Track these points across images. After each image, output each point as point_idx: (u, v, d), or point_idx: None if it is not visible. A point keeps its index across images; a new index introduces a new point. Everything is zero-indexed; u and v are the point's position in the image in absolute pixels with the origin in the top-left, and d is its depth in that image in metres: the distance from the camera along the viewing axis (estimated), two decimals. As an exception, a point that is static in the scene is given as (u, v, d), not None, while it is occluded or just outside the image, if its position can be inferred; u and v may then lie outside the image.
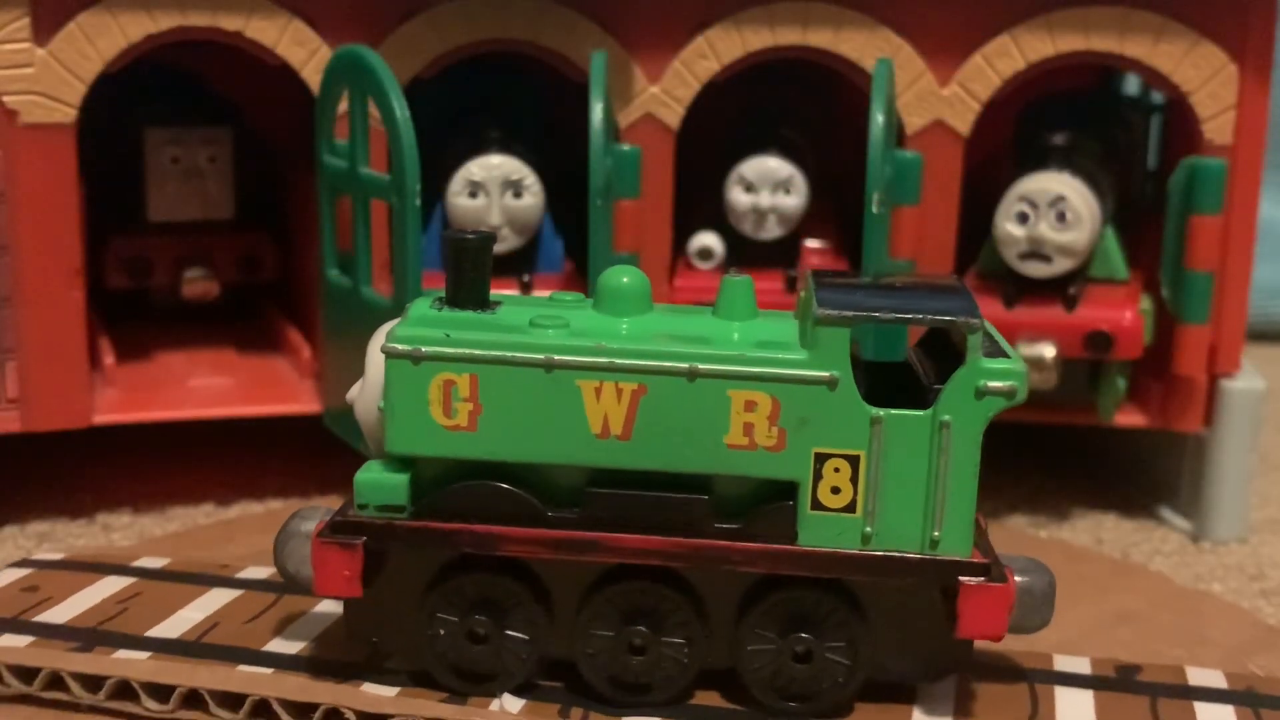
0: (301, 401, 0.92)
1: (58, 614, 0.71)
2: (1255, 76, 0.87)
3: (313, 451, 0.93)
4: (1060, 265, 0.87)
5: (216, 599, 0.73)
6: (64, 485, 0.93)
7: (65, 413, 0.86)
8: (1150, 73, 0.89)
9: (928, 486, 0.63)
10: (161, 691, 0.65)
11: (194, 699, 0.65)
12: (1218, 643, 0.76)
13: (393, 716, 0.63)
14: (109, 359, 0.91)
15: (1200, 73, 0.87)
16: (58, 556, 0.78)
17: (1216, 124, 0.88)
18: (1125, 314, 0.87)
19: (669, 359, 0.62)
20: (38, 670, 0.65)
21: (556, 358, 0.63)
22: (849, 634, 0.65)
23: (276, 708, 0.64)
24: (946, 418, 0.62)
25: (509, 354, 0.63)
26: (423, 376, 0.63)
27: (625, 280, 0.65)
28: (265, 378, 0.95)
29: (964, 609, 0.63)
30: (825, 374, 0.62)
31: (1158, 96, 1.01)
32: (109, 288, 0.98)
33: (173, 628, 0.70)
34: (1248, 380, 0.90)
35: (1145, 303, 0.90)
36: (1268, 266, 1.28)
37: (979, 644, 0.66)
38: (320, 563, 0.64)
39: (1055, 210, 0.86)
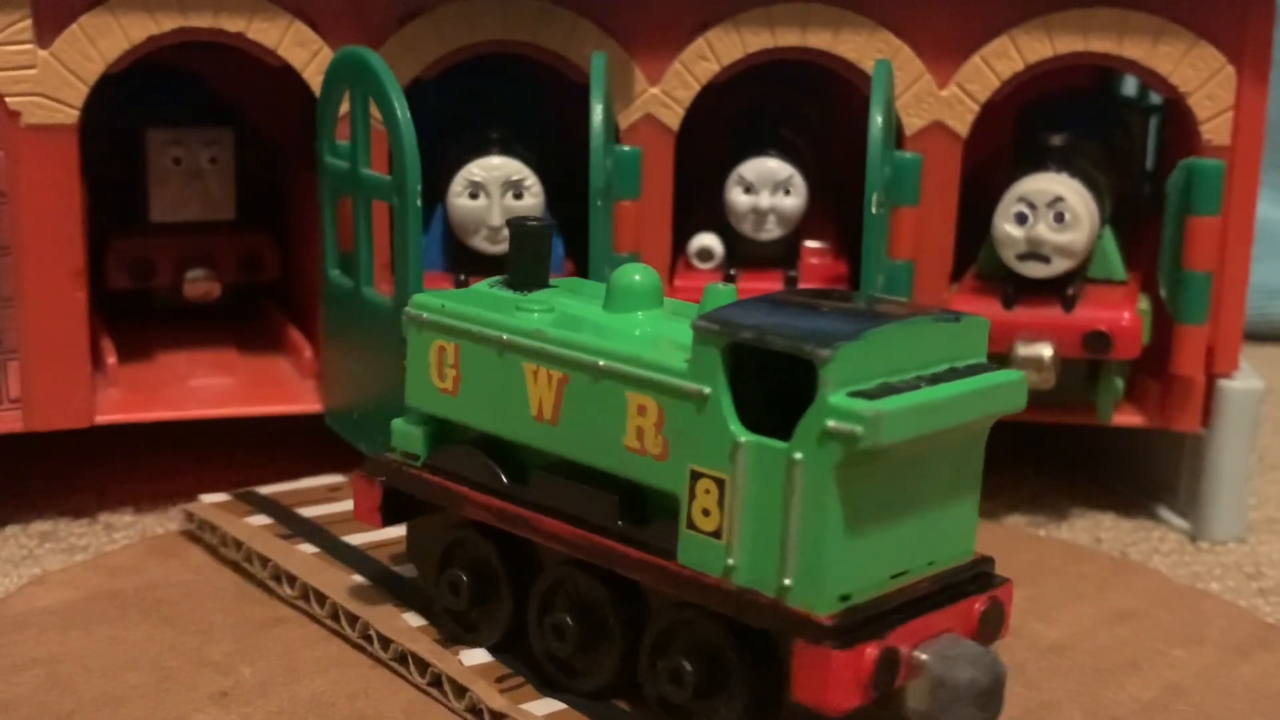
0: (303, 401, 0.92)
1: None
2: (1253, 78, 0.87)
3: (314, 451, 0.93)
4: (1059, 266, 0.87)
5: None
6: (66, 485, 0.93)
7: (67, 412, 0.86)
8: (1148, 74, 0.89)
9: (781, 527, 0.58)
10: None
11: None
12: (1215, 641, 0.76)
13: (392, 641, 0.70)
14: (111, 359, 0.91)
15: (1198, 74, 0.87)
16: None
17: (1214, 125, 0.88)
18: (1123, 314, 0.87)
19: (582, 352, 0.63)
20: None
21: (505, 337, 0.66)
22: (698, 665, 0.61)
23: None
24: (798, 455, 0.57)
25: (476, 329, 0.67)
26: (425, 341, 0.69)
27: (637, 278, 0.66)
28: (267, 378, 0.95)
29: (795, 671, 0.57)
30: (695, 387, 0.59)
31: (1156, 98, 1.01)
32: (111, 288, 0.99)
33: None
34: (1246, 380, 0.90)
35: (1143, 303, 0.90)
36: (1265, 267, 1.29)
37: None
38: (356, 493, 0.72)
39: (1054, 211, 0.86)
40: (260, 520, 0.82)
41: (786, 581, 0.57)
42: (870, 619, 0.58)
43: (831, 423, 0.55)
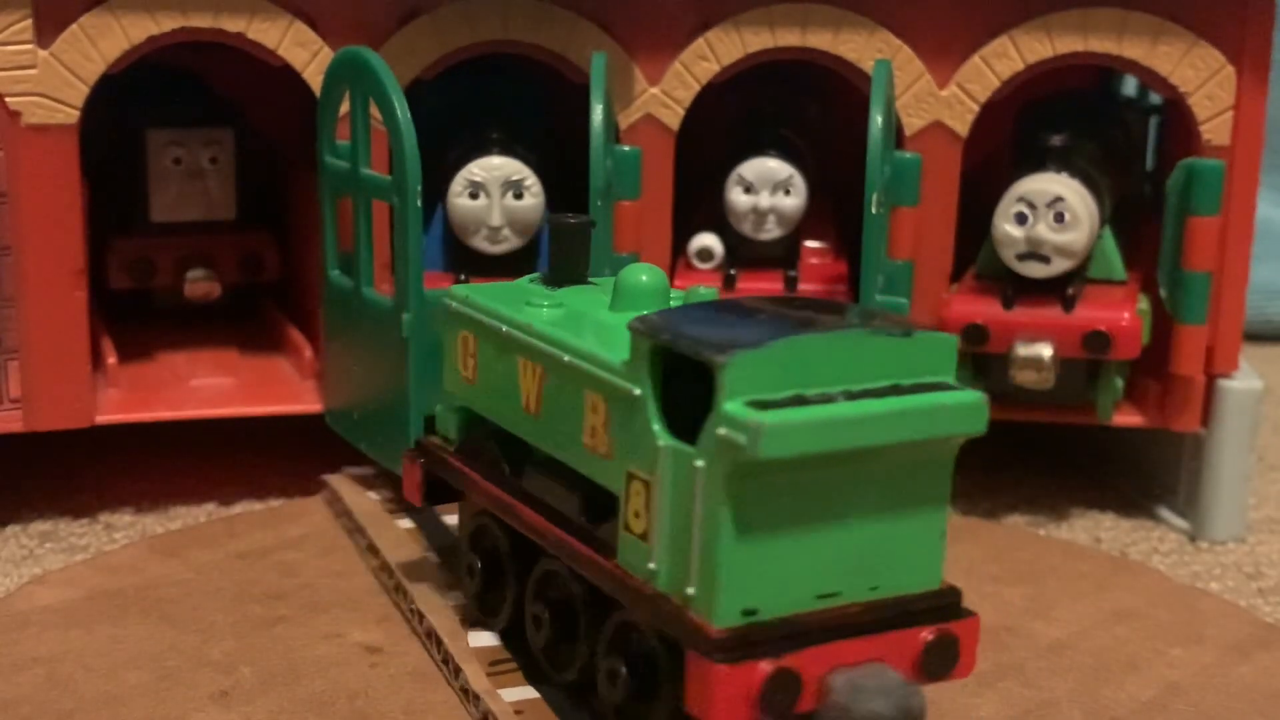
0: (303, 401, 0.92)
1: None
2: (1253, 78, 0.88)
3: (315, 451, 0.93)
4: (1058, 266, 0.87)
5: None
6: (66, 485, 0.93)
7: (68, 412, 0.86)
8: (1148, 74, 0.89)
9: (690, 534, 0.56)
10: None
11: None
12: (1215, 640, 0.76)
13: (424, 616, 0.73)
14: (111, 359, 0.91)
15: (1198, 74, 0.87)
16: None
17: (1214, 125, 0.88)
18: (1123, 314, 0.87)
19: (554, 348, 0.64)
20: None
21: (504, 330, 0.67)
22: (634, 669, 0.61)
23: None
24: (699, 462, 0.55)
25: (487, 321, 0.68)
26: (455, 330, 0.71)
27: (643, 278, 0.66)
28: (267, 377, 0.95)
29: (687, 683, 0.56)
30: (628, 388, 0.59)
31: (1156, 98, 1.01)
32: (111, 288, 0.99)
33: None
34: (1245, 380, 0.90)
35: (1143, 303, 0.90)
36: (1265, 267, 1.29)
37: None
38: (404, 471, 0.74)
39: (1053, 211, 0.86)
40: (380, 495, 0.86)
41: (690, 590, 0.56)
42: (772, 637, 0.56)
43: (721, 430, 0.54)
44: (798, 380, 0.55)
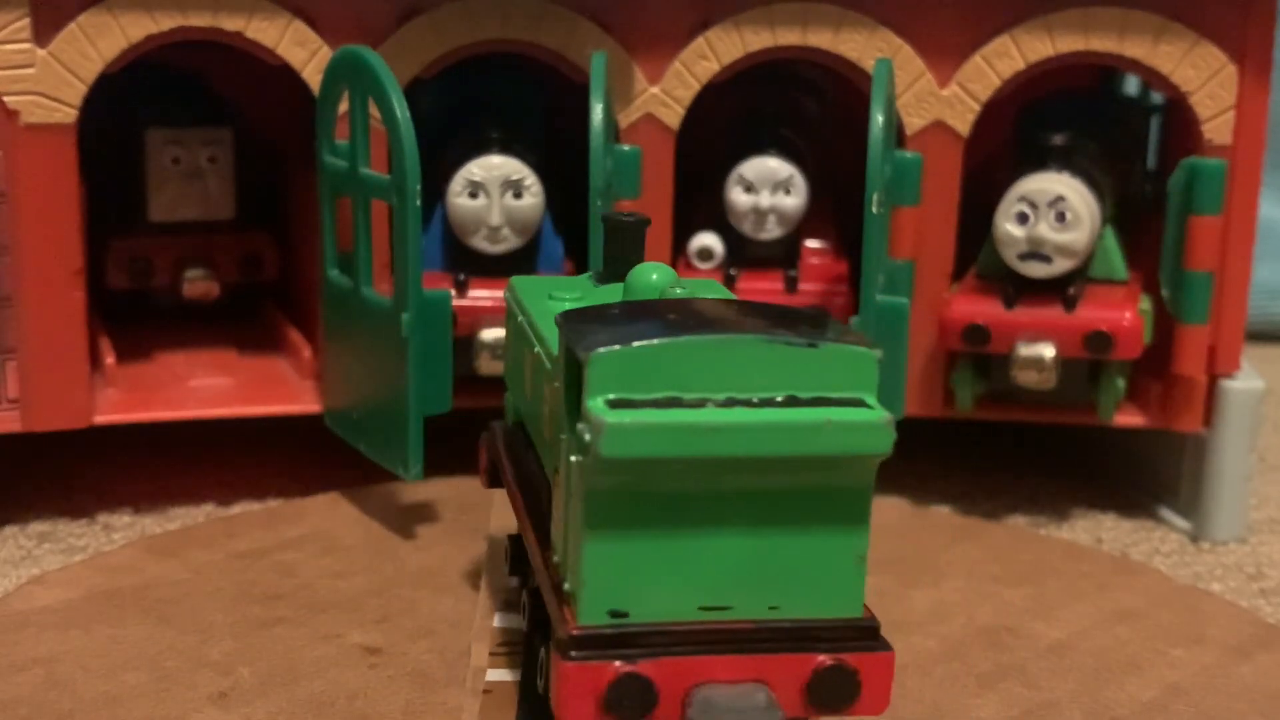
0: (302, 401, 0.92)
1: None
2: (1255, 77, 0.87)
3: (313, 452, 0.93)
4: (1060, 265, 0.87)
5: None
6: (64, 485, 0.93)
7: (66, 413, 0.86)
8: (1150, 73, 0.89)
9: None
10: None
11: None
12: (1216, 641, 0.76)
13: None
14: (109, 359, 0.91)
15: (1200, 73, 0.87)
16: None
17: (1216, 124, 0.88)
18: (1125, 314, 0.87)
19: (535, 338, 0.64)
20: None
21: (519, 320, 0.69)
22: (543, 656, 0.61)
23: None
24: (574, 458, 0.54)
25: (515, 311, 0.70)
26: (511, 319, 0.72)
27: (654, 277, 0.66)
28: (266, 378, 0.95)
29: (550, 677, 0.57)
30: (556, 380, 0.58)
31: (1157, 97, 1.01)
32: (110, 288, 0.98)
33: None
34: (1247, 380, 0.90)
35: (1145, 303, 0.90)
36: (1267, 266, 1.29)
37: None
38: (479, 454, 0.76)
39: (1055, 210, 0.86)
40: None
41: (566, 586, 0.56)
42: (633, 641, 0.55)
43: (579, 426, 0.54)
44: (678, 384, 0.54)
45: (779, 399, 0.55)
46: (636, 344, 0.54)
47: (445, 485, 0.91)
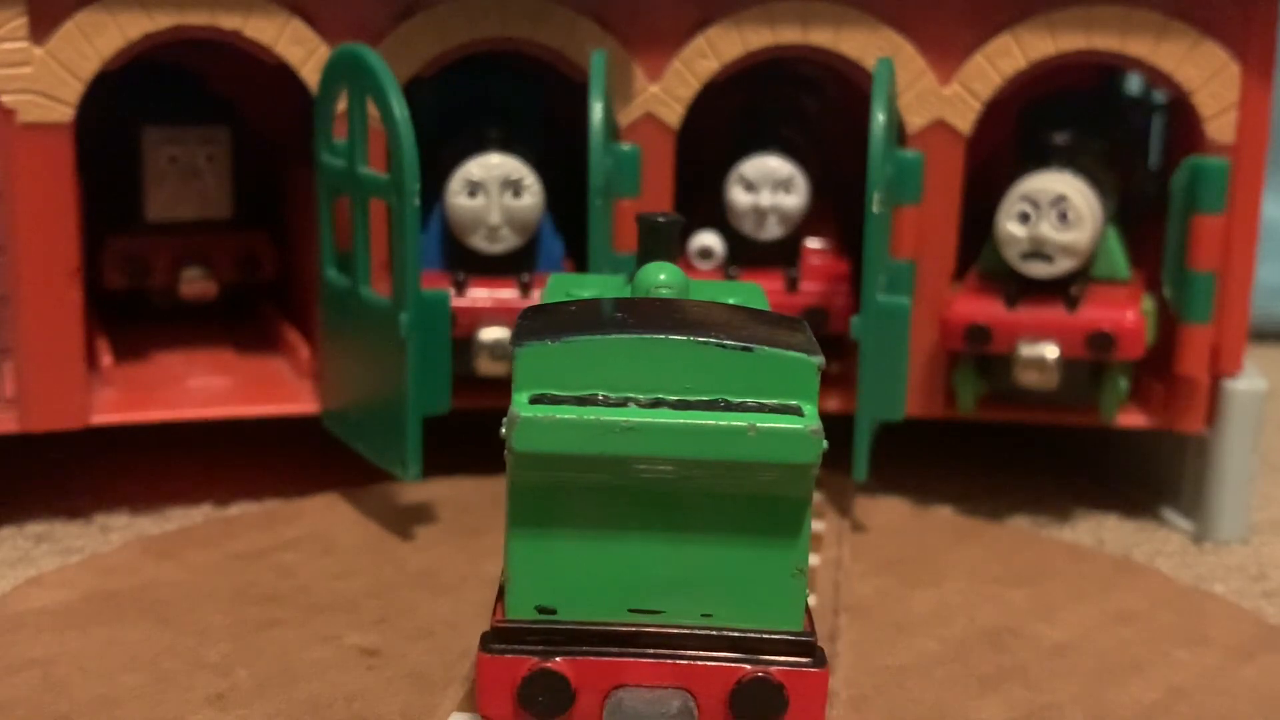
0: (300, 401, 0.91)
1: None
2: (1257, 75, 0.87)
3: (312, 452, 0.93)
4: (1062, 265, 0.86)
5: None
6: (61, 486, 0.92)
7: (62, 413, 0.86)
8: (1152, 72, 0.88)
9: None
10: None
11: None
12: (1219, 642, 0.75)
13: None
14: (106, 359, 0.91)
15: (1202, 72, 0.87)
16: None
17: (1219, 123, 0.87)
18: (1127, 314, 0.87)
19: None
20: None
21: None
22: None
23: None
24: (507, 451, 0.55)
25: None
26: None
27: (661, 276, 0.65)
28: (263, 378, 0.95)
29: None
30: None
31: (1160, 95, 1.01)
32: (107, 288, 0.98)
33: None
34: (1250, 381, 0.90)
35: (1147, 303, 0.89)
36: (1270, 266, 1.28)
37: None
38: None
39: (1057, 210, 0.86)
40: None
41: (500, 580, 0.57)
42: (554, 638, 0.56)
43: (503, 420, 0.54)
44: (607, 382, 0.54)
45: (704, 400, 0.55)
46: (562, 339, 0.54)
47: (444, 486, 0.90)
